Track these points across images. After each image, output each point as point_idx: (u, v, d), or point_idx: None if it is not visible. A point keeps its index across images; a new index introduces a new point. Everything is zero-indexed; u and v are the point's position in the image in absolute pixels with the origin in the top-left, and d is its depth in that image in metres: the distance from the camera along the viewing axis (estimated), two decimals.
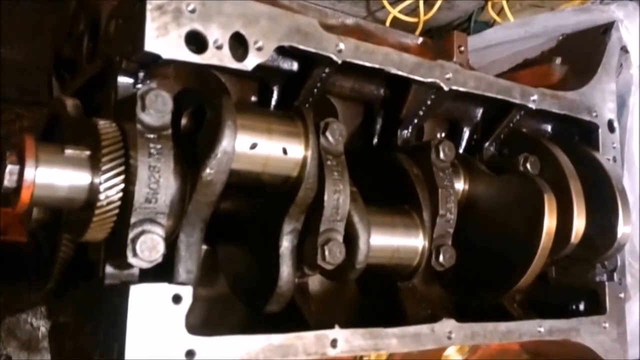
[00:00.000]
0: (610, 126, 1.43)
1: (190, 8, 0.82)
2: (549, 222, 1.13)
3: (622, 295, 1.34)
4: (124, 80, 0.87)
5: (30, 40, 1.77)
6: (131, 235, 0.73)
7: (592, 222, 1.24)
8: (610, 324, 1.29)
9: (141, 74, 0.88)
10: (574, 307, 1.33)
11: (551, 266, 1.36)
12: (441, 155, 1.09)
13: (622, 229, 1.27)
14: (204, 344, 0.79)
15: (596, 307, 1.31)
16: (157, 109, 0.79)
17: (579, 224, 1.22)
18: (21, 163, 0.75)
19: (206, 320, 1.03)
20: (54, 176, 0.76)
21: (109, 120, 0.82)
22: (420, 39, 1.58)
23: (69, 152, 0.76)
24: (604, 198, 1.29)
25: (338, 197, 0.91)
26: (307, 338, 0.87)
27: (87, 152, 0.77)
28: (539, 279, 1.21)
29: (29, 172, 0.74)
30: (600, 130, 1.40)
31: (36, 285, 1.00)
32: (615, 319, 1.30)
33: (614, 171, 1.35)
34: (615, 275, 1.35)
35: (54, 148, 0.77)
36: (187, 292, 0.78)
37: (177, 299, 0.77)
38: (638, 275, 1.50)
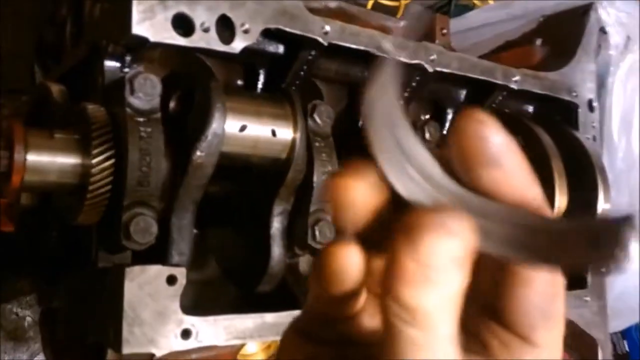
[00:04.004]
0: (590, 106, 1.46)
1: None
2: None
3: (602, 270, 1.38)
4: (110, 64, 0.86)
5: (8, 28, 1.74)
6: (124, 217, 0.74)
7: (573, 200, 1.27)
8: (592, 298, 1.32)
9: (128, 58, 0.88)
10: None
11: None
12: (427, 135, 1.10)
13: (602, 205, 1.30)
14: (199, 324, 0.80)
15: (578, 282, 1.35)
16: (146, 92, 0.79)
17: (561, 202, 1.25)
18: (10, 148, 0.74)
19: (198, 303, 1.04)
20: (44, 160, 0.76)
21: (97, 104, 0.82)
22: (403, 22, 1.59)
23: (58, 136, 0.76)
24: (584, 176, 1.32)
25: (327, 178, 0.92)
26: None
27: (77, 136, 0.77)
28: None
29: (19, 157, 0.74)
30: (580, 110, 1.43)
31: (26, 272, 1.00)
32: (597, 293, 1.34)
33: (594, 150, 1.38)
34: None
35: (43, 132, 0.77)
36: (181, 273, 0.79)
37: (171, 280, 0.78)
38: None
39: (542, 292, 0.37)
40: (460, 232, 0.33)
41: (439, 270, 0.32)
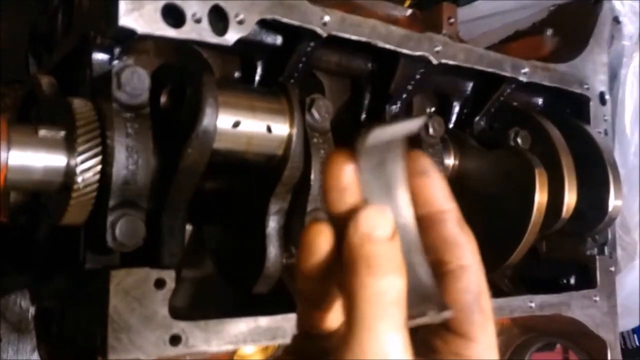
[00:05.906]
0: (602, 98, 1.41)
1: None
2: (540, 197, 1.11)
3: (612, 268, 1.33)
4: (99, 56, 0.83)
5: (9, 18, 1.71)
6: (110, 219, 0.71)
7: (583, 196, 1.23)
8: (601, 297, 1.28)
9: (117, 50, 0.84)
10: (564, 281, 1.33)
11: (542, 241, 1.35)
12: (430, 130, 1.06)
13: (613, 202, 1.26)
14: (189, 329, 0.77)
15: (587, 281, 1.30)
16: (133, 86, 0.76)
17: (570, 199, 1.20)
18: None
19: (192, 301, 1.01)
20: (27, 158, 0.72)
21: (85, 99, 0.79)
22: (409, 11, 1.55)
23: (42, 133, 0.73)
24: (595, 171, 1.27)
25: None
26: (295, 319, 0.85)
27: (62, 133, 0.74)
28: (529, 254, 1.19)
29: (1, 155, 0.71)
30: (591, 103, 1.38)
31: (19, 269, 0.97)
32: (606, 293, 1.29)
33: (605, 144, 1.33)
34: (606, 249, 1.34)
35: (27, 129, 0.74)
36: (170, 276, 0.76)
37: (159, 283, 0.75)
38: (628, 248, 1.50)
39: (469, 290, 0.46)
40: (385, 213, 0.43)
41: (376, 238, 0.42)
